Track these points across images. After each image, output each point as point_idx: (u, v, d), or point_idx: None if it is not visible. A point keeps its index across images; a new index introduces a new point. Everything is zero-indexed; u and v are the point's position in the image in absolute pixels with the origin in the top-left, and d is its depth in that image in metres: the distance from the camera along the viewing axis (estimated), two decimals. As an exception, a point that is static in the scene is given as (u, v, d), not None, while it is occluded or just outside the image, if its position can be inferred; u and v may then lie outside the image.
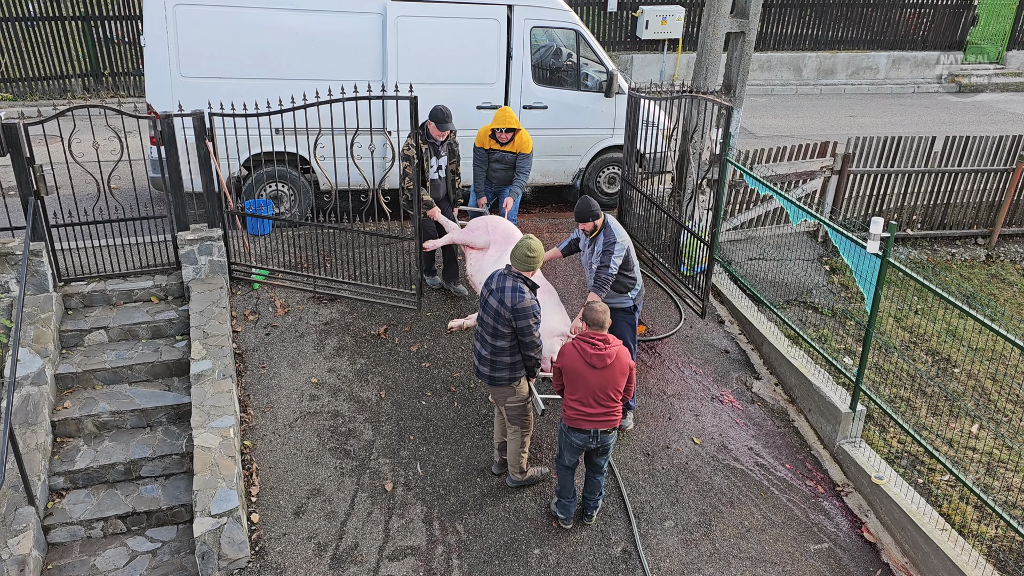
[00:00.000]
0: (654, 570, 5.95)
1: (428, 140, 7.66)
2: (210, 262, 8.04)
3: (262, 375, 7.37)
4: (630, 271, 6.71)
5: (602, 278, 6.55)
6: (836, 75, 19.64)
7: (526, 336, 5.77)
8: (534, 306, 5.70)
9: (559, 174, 10.52)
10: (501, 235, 7.33)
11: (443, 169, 7.95)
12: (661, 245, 9.28)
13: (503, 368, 5.90)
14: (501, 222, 7.45)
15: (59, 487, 6.55)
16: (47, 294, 7.48)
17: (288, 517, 6.18)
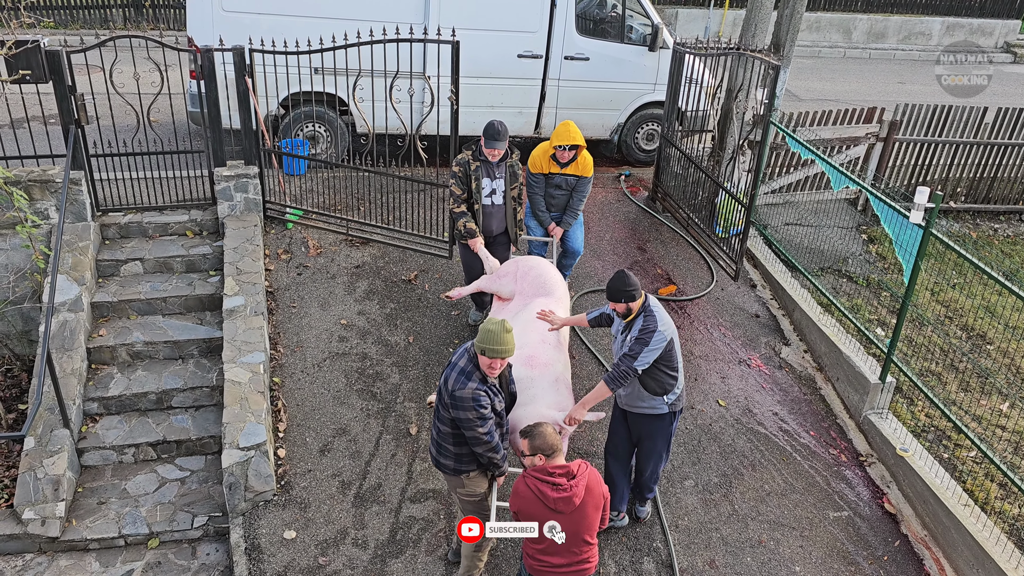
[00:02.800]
0: (672, 528, 5.99)
1: (480, 157, 6.57)
2: (245, 199, 8.07)
3: (293, 314, 7.44)
4: (672, 367, 5.24)
5: (620, 370, 5.09)
6: (887, 39, 19.08)
7: (466, 431, 4.65)
8: (478, 399, 4.53)
9: (597, 128, 10.38)
10: (530, 284, 6.19)
11: (498, 194, 6.65)
12: (697, 205, 9.17)
13: (448, 456, 4.86)
14: (536, 268, 6.29)
15: (93, 412, 6.70)
16: (85, 223, 7.57)
17: (314, 454, 6.29)
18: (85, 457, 6.44)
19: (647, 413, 5.37)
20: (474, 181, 6.56)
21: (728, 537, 5.99)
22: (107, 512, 6.06)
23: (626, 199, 9.82)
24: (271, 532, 5.75)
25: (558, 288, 6.23)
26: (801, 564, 5.87)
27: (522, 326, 5.72)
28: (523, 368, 5.41)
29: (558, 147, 6.83)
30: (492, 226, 6.79)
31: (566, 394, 5.47)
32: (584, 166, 7.02)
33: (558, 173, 7.02)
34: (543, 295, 6.12)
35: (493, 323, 4.52)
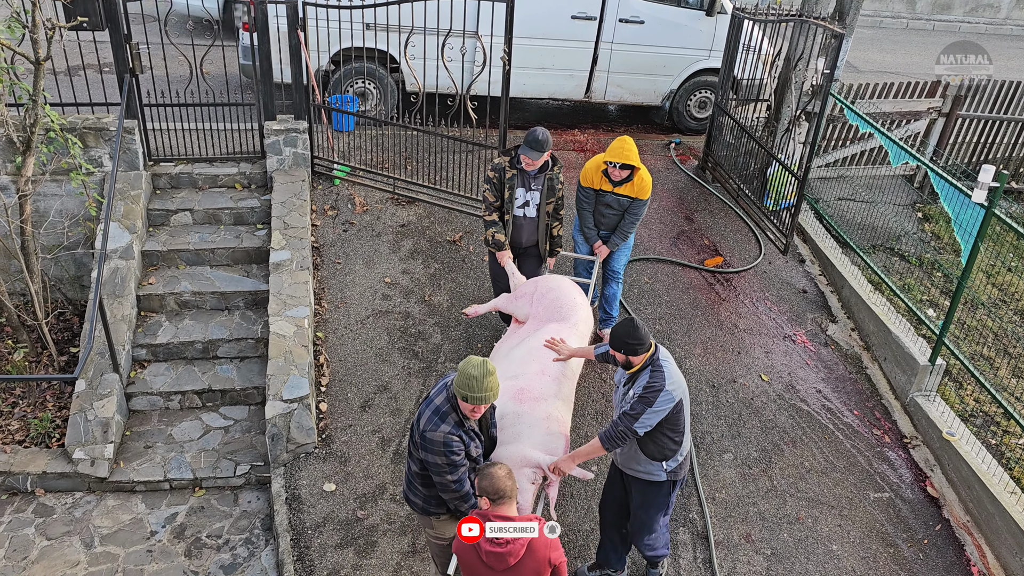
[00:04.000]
0: (710, 500, 5.96)
1: (517, 165, 6.04)
2: (294, 154, 8.09)
3: (337, 270, 7.48)
4: (677, 430, 4.59)
5: (618, 430, 4.47)
6: (952, 11, 18.38)
7: (434, 475, 4.22)
8: (450, 444, 4.07)
9: (648, 94, 10.19)
10: (545, 308, 5.60)
11: (531, 207, 6.17)
12: (748, 176, 8.98)
13: (418, 495, 4.46)
14: (554, 291, 5.72)
15: (141, 358, 6.84)
16: (137, 172, 7.66)
17: (355, 410, 6.36)
18: (133, 402, 6.59)
19: (643, 478, 4.73)
20: (508, 190, 6.07)
21: (765, 512, 5.94)
22: (153, 456, 6.21)
23: (675, 167, 9.66)
24: (311, 484, 5.84)
25: (576, 314, 5.60)
26: (839, 543, 5.81)
27: (525, 353, 5.21)
28: (510, 402, 4.82)
29: (609, 163, 6.19)
30: (522, 238, 6.29)
31: (558, 436, 4.81)
32: (640, 188, 6.33)
33: (610, 191, 6.37)
34: (557, 320, 5.51)
35: (474, 365, 4.01)
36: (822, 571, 5.61)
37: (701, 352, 7.17)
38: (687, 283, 7.93)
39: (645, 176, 6.35)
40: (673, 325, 7.41)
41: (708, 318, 7.55)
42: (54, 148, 6.63)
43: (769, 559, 5.63)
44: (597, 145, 9.76)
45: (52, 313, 7.14)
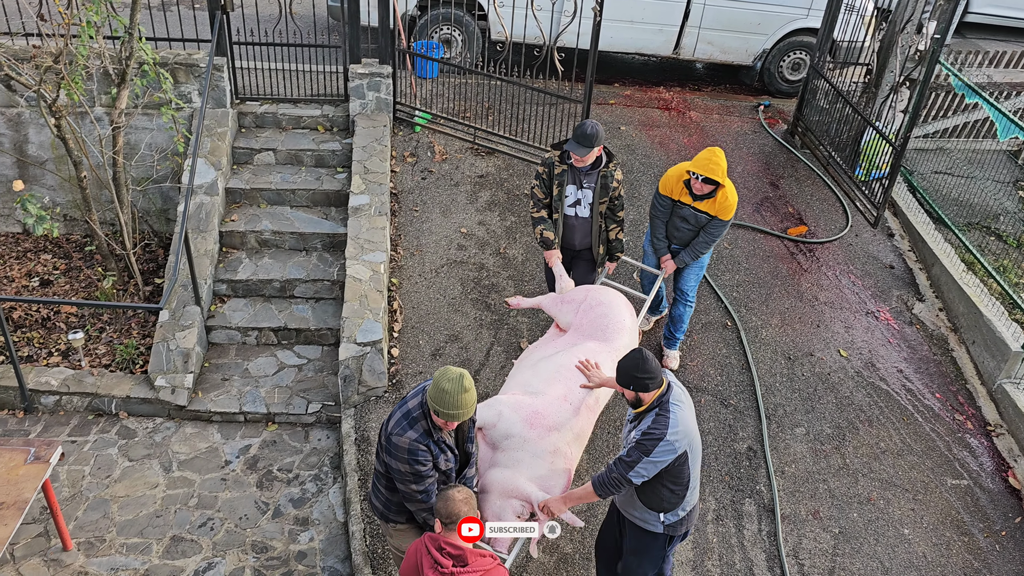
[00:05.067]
0: (778, 473, 5.85)
1: (567, 161, 5.57)
2: (377, 99, 8.08)
3: (414, 218, 7.49)
4: (679, 483, 4.10)
5: (611, 477, 4.05)
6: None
7: (398, 483, 3.97)
8: (415, 452, 3.81)
9: (740, 53, 9.83)
10: (589, 323, 5.16)
11: (583, 205, 5.69)
12: (840, 144, 8.62)
13: (379, 497, 4.21)
14: (604, 306, 5.23)
15: (221, 293, 7.01)
16: (224, 110, 7.76)
17: (425, 357, 6.41)
18: (212, 335, 6.77)
19: (638, 524, 4.30)
20: (556, 187, 5.61)
21: (836, 490, 5.80)
22: (230, 388, 6.39)
23: (762, 131, 9.33)
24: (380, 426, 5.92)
25: (620, 337, 5.10)
26: (911, 527, 5.65)
27: (553, 371, 4.79)
28: (520, 423, 4.45)
29: (692, 174, 5.57)
30: (575, 240, 5.82)
31: (561, 473, 4.46)
32: (723, 206, 5.68)
33: (688, 205, 5.78)
34: (599, 340, 5.04)
35: (449, 379, 3.70)
36: (891, 554, 5.46)
37: (779, 323, 6.99)
38: (768, 251, 7.70)
39: (731, 195, 5.68)
40: (751, 293, 7.22)
41: (788, 288, 7.34)
42: (147, 82, 6.75)
43: (836, 538, 5.52)
44: (682, 104, 9.49)
45: (139, 244, 7.35)
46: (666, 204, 5.90)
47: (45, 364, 6.42)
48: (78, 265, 7.44)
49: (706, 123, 9.19)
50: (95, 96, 7.30)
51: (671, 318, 6.33)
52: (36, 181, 7.64)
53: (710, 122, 9.22)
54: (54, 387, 6.16)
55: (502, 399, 4.58)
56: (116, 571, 5.14)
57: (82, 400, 6.20)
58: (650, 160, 8.44)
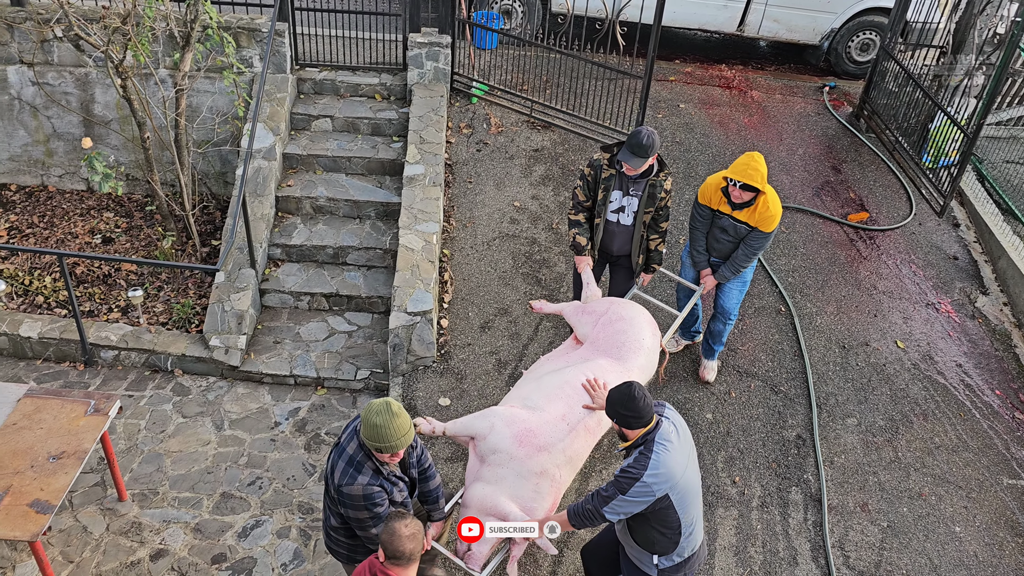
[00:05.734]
0: (827, 463, 5.75)
1: (617, 166, 5.26)
2: (435, 69, 8.05)
3: (468, 189, 7.48)
4: (669, 527, 3.83)
5: (586, 508, 3.89)
6: None
7: (357, 530, 3.81)
8: (371, 497, 3.63)
9: (806, 31, 9.55)
10: (606, 338, 4.87)
11: (627, 213, 5.38)
12: (908, 129, 8.35)
13: (341, 545, 4.04)
14: (624, 321, 4.93)
15: (276, 257, 7.10)
16: (284, 75, 7.81)
17: (474, 329, 6.42)
18: (266, 298, 6.87)
19: (633, 562, 4.07)
20: (602, 191, 5.32)
21: (886, 483, 5.69)
22: (281, 351, 6.49)
23: (826, 113, 9.08)
24: (427, 396, 5.97)
25: (635, 358, 4.79)
26: (962, 525, 5.52)
27: (557, 386, 4.53)
28: (510, 439, 4.24)
29: (730, 180, 5.21)
30: (613, 246, 5.55)
31: (544, 497, 4.23)
32: (763, 217, 5.29)
33: (727, 215, 5.41)
34: (613, 358, 4.75)
35: (376, 412, 3.49)
36: (941, 551, 5.35)
37: (834, 310, 6.84)
38: (826, 237, 7.52)
39: (772, 204, 5.26)
40: (807, 279, 7.07)
41: (845, 275, 7.17)
42: (210, 45, 6.82)
43: (884, 531, 5.41)
44: (744, 83, 9.28)
45: (197, 206, 7.47)
46: (705, 214, 5.55)
47: (105, 319, 6.59)
48: (139, 224, 7.60)
49: (768, 103, 8.98)
50: (160, 58, 7.41)
51: (709, 332, 6.02)
52: (101, 140, 7.81)
53: (772, 102, 9.01)
54: (113, 342, 6.33)
55: (497, 411, 4.42)
56: (168, 523, 5.29)
57: (139, 356, 6.36)
58: (708, 140, 8.29)
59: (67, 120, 7.74)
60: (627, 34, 7.40)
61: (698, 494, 3.91)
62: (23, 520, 4.27)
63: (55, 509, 4.36)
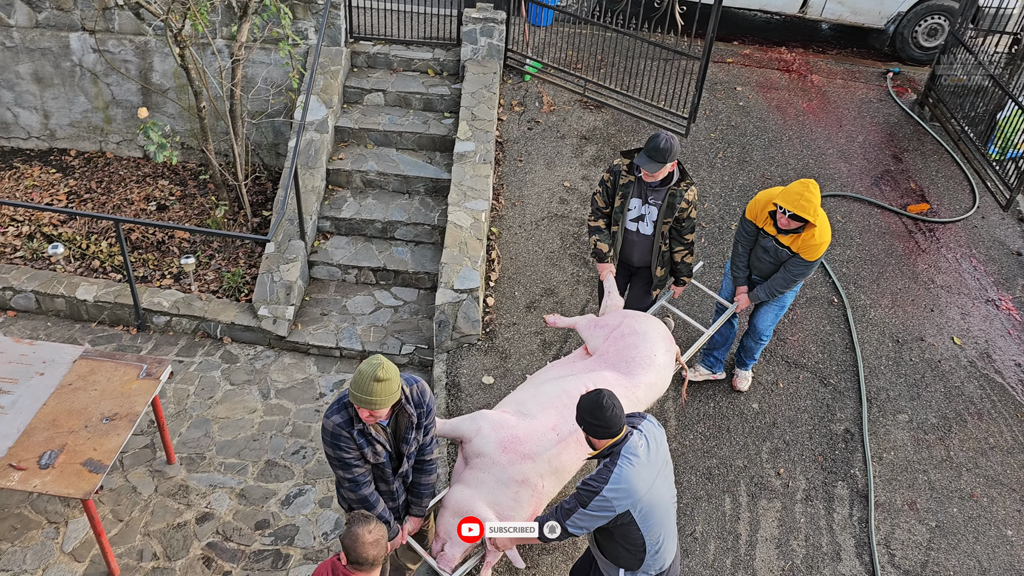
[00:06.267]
0: (875, 459, 5.63)
1: (636, 172, 5.06)
2: (488, 45, 7.99)
3: (518, 168, 7.43)
4: (634, 544, 3.68)
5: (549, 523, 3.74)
6: None
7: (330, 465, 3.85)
8: (337, 437, 3.65)
9: (872, 15, 9.26)
10: (616, 352, 4.68)
11: (647, 222, 5.17)
12: (975, 118, 8.06)
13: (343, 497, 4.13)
14: (636, 335, 4.72)
15: (325, 229, 7.14)
16: (338, 48, 7.82)
17: (520, 309, 6.39)
18: (314, 270, 6.93)
19: (602, 572, 3.97)
20: (620, 198, 5.14)
21: (936, 482, 5.55)
22: (328, 323, 6.54)
23: (889, 99, 8.81)
24: (471, 374, 5.98)
25: (643, 375, 4.58)
26: (1015, 529, 5.36)
27: (554, 395, 4.40)
28: (495, 444, 4.16)
29: (778, 207, 4.94)
30: (633, 256, 5.34)
31: (525, 505, 4.13)
32: (807, 246, 5.03)
33: (772, 236, 5.17)
34: (620, 372, 4.58)
35: (369, 363, 3.49)
36: (991, 555, 5.21)
37: (889, 303, 6.66)
38: (884, 227, 7.32)
39: (820, 234, 4.99)
40: (862, 270, 6.90)
41: (902, 268, 6.97)
42: (267, 17, 6.85)
43: (932, 531, 5.29)
44: (804, 66, 9.04)
45: (249, 176, 7.54)
46: (750, 230, 5.28)
47: (158, 285, 6.71)
48: (192, 192, 7.70)
49: (828, 88, 8.74)
50: (217, 28, 7.46)
51: (742, 346, 5.83)
52: (157, 108, 7.92)
53: (833, 87, 8.77)
54: (165, 308, 6.44)
55: (488, 414, 4.32)
56: (214, 487, 5.39)
57: (190, 322, 6.46)
58: (765, 124, 8.10)
59: (126, 88, 7.86)
60: (685, 13, 7.24)
61: (668, 511, 3.73)
62: (77, 478, 4.39)
63: (107, 469, 4.46)
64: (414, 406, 3.76)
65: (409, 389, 3.74)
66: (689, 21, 7.33)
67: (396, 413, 3.75)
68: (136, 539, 5.06)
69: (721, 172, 7.53)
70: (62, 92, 7.89)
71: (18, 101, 7.96)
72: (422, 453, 3.96)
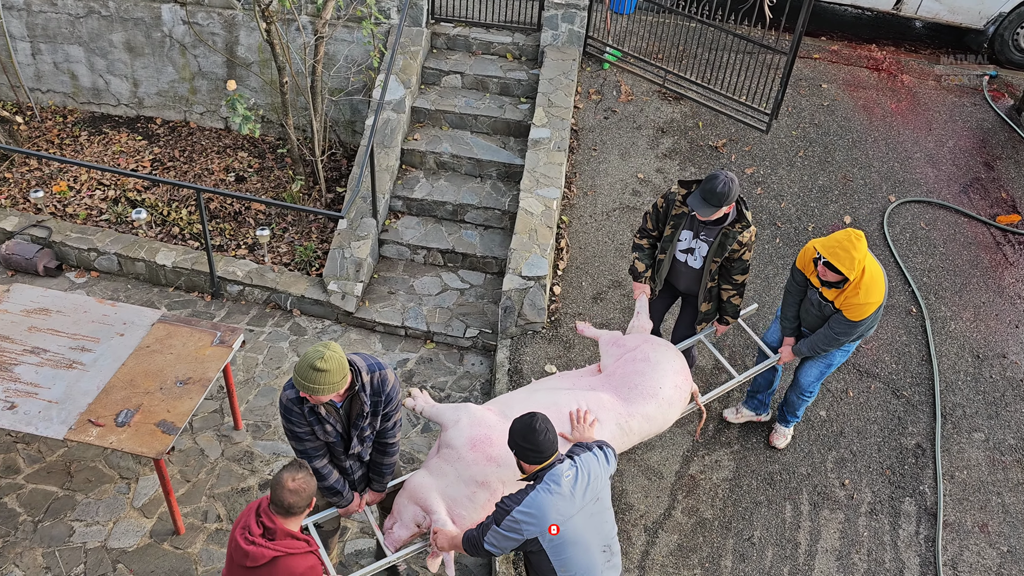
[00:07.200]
0: (947, 477, 5.44)
1: (687, 205, 4.78)
2: (569, 31, 7.92)
3: (592, 157, 7.36)
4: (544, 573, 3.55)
5: (472, 534, 3.64)
6: None
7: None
8: (288, 410, 3.76)
9: (971, 14, 8.86)
10: (622, 375, 4.50)
11: (696, 256, 4.94)
12: (1075, 127, 7.67)
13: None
14: (648, 363, 4.52)
15: (396, 209, 7.20)
16: (419, 29, 7.85)
17: (587, 299, 6.35)
18: (384, 248, 7.00)
19: None
20: (671, 227, 4.92)
21: (1011, 506, 5.34)
22: (394, 302, 6.61)
23: (984, 104, 8.44)
24: (534, 361, 5.97)
25: (645, 404, 4.40)
26: (1092, 561, 5.13)
27: (543, 405, 4.20)
28: (464, 441, 4.08)
29: (820, 259, 4.55)
30: (679, 283, 5.16)
31: (479, 507, 4.03)
32: (850, 304, 4.63)
33: (816, 288, 4.79)
34: (619, 397, 4.41)
35: (313, 349, 3.57)
36: (1065, 586, 5.00)
37: (971, 317, 6.41)
38: (970, 237, 7.04)
39: (867, 295, 4.58)
40: (943, 281, 6.65)
41: (987, 281, 6.70)
42: (351, -5, 6.92)
43: (1003, 556, 5.09)
44: (895, 65, 8.72)
45: (326, 152, 7.65)
46: (799, 280, 4.89)
47: (233, 255, 6.87)
48: (270, 165, 7.85)
49: (919, 89, 8.42)
50: (303, 4, 7.56)
51: (785, 399, 5.43)
52: (240, 82, 8.08)
53: (924, 89, 8.44)
54: (239, 277, 6.59)
55: (471, 407, 4.24)
56: (277, 456, 5.51)
57: (262, 293, 6.61)
58: (850, 124, 7.85)
59: (212, 60, 8.04)
60: (775, 6, 7.04)
61: (590, 552, 3.52)
62: (150, 438, 4.53)
63: (179, 431, 4.60)
64: (371, 394, 3.81)
65: (369, 376, 3.79)
66: (777, 14, 7.12)
67: (350, 398, 3.80)
68: (202, 500, 5.22)
69: (801, 171, 7.33)
70: (151, 62, 8.12)
71: (110, 69, 8.22)
72: (383, 436, 4.02)
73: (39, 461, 5.34)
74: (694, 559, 4.98)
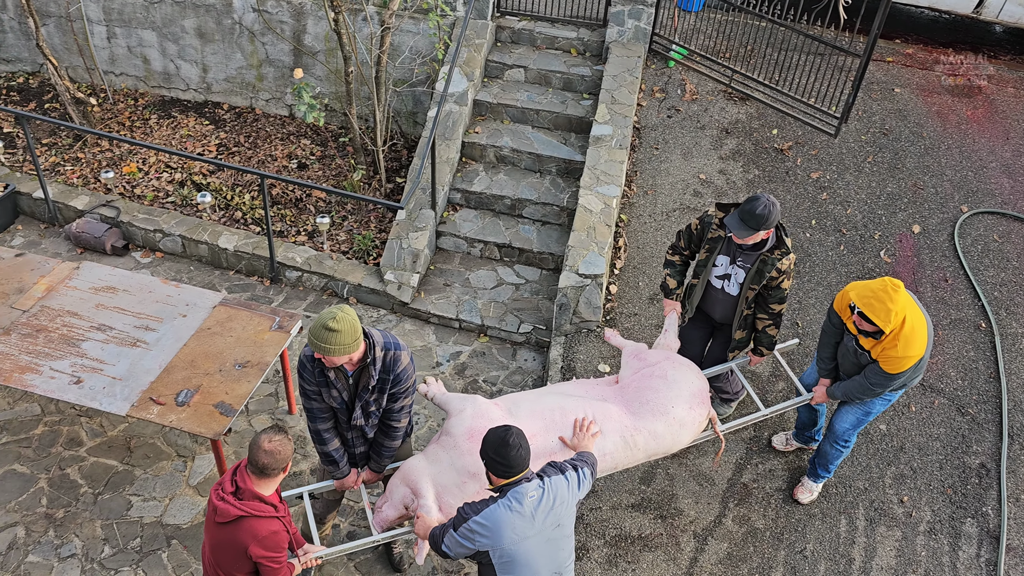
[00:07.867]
0: (1011, 499, 5.25)
1: (725, 227, 4.66)
2: (635, 27, 7.83)
3: (653, 156, 7.27)
4: None
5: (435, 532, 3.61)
6: None
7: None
8: (302, 366, 3.91)
9: (1056, 19, 8.52)
10: (636, 390, 4.46)
11: (732, 283, 4.79)
12: None
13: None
14: (664, 381, 4.46)
15: (455, 202, 7.21)
16: (484, 22, 7.83)
17: (643, 300, 6.28)
18: (441, 240, 7.02)
19: None
20: (706, 251, 4.78)
21: (1079, 534, 5.13)
22: (449, 295, 6.63)
23: (1065, 114, 8.11)
24: (587, 360, 5.93)
25: (654, 421, 4.35)
26: None
27: (550, 409, 4.25)
28: (463, 431, 4.10)
29: (855, 308, 4.29)
30: (715, 312, 5.01)
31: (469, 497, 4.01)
32: (887, 356, 4.34)
33: (853, 334, 4.52)
34: (628, 411, 4.37)
35: (328, 311, 3.65)
36: None
37: None
38: (1046, 252, 6.78)
39: (905, 348, 4.28)
40: (1016, 296, 6.41)
41: (1062, 298, 6.44)
42: (419, -14, 6.93)
43: (1069, 585, 4.90)
44: (972, 71, 8.41)
45: (387, 142, 7.70)
46: (836, 322, 4.63)
47: (293, 241, 6.97)
48: (332, 154, 7.94)
49: (997, 97, 8.12)
50: (370, -5, 7.62)
51: (818, 450, 5.13)
52: (306, 70, 8.17)
53: (1002, 96, 8.14)
54: (298, 263, 6.68)
55: (478, 399, 4.25)
56: (329, 442, 5.57)
57: (320, 280, 6.68)
58: (922, 130, 7.61)
59: (279, 48, 8.14)
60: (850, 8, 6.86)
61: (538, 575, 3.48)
62: (208, 419, 4.62)
63: (236, 413, 4.68)
64: (381, 370, 3.88)
65: (383, 352, 3.87)
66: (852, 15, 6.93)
67: (361, 369, 3.88)
68: (255, 482, 5.30)
69: (869, 178, 7.14)
70: (221, 48, 8.26)
71: (181, 54, 8.39)
72: (388, 417, 4.10)
73: (101, 435, 5.49)
74: (744, 569, 4.90)
